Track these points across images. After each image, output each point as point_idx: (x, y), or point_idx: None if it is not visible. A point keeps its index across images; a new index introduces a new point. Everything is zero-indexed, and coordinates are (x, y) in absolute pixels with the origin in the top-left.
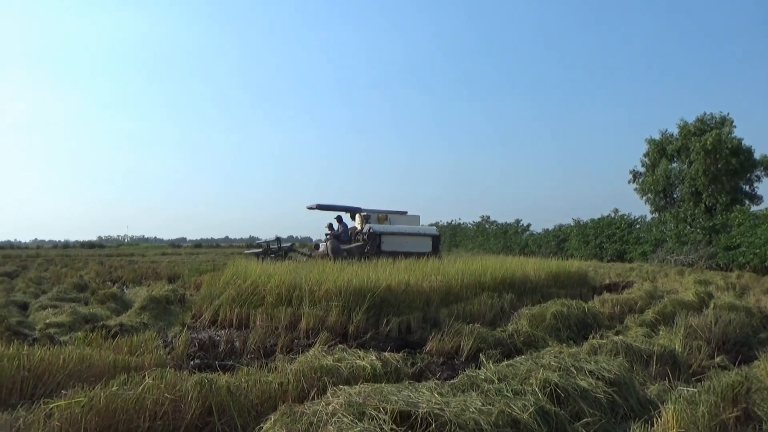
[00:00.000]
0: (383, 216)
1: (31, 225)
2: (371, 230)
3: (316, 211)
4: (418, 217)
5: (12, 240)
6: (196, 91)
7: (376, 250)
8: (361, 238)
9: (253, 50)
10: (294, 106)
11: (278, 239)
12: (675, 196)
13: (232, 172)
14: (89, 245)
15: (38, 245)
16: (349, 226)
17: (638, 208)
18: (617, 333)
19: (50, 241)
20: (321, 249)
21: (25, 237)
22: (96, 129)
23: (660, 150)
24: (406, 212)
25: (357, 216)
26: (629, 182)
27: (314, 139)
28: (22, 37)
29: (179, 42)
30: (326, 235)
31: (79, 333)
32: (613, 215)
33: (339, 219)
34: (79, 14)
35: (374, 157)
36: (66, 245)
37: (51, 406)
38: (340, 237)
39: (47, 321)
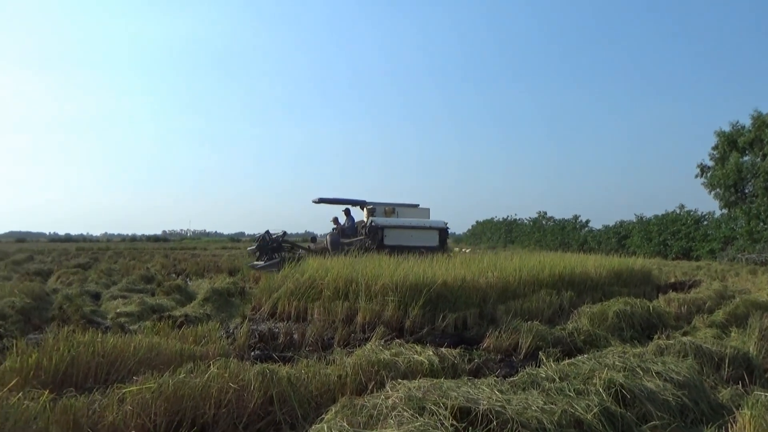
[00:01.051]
0: (390, 209)
1: (101, 220)
2: (373, 224)
3: (330, 205)
4: (428, 210)
5: (84, 233)
6: (254, 90)
7: (379, 244)
8: (363, 231)
9: (318, 50)
10: (354, 102)
11: (284, 234)
12: (746, 190)
13: (287, 168)
14: (155, 239)
15: (108, 239)
16: (356, 220)
17: (706, 203)
18: (685, 334)
19: (119, 235)
20: (321, 242)
21: (96, 231)
22: (161, 129)
23: (730, 143)
24: (418, 205)
25: (365, 209)
26: (696, 176)
27: (372, 135)
28: (101, 39)
29: (238, 45)
30: (333, 228)
31: (148, 322)
32: (678, 211)
33: (347, 212)
34: (147, 17)
35: (425, 150)
36: (133, 239)
37: (124, 390)
38: (345, 231)
39: (118, 310)
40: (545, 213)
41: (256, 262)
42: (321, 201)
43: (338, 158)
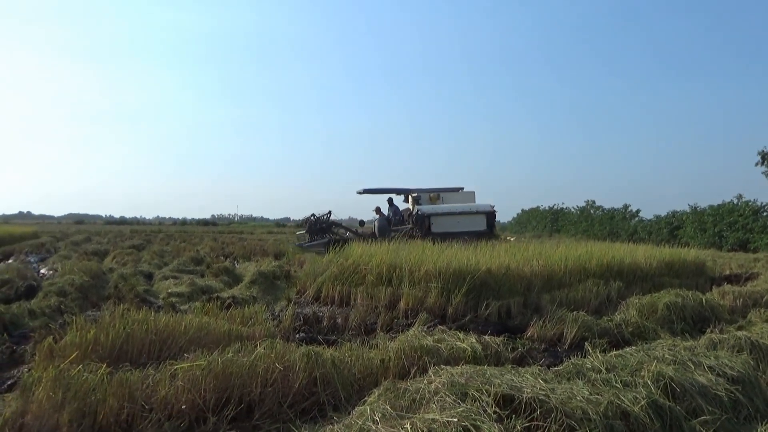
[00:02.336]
0: (435, 195)
1: (153, 203)
2: (419, 212)
3: (373, 195)
4: (473, 193)
5: (138, 217)
6: (297, 79)
7: (426, 232)
8: (411, 220)
9: (351, 40)
10: (383, 89)
11: (329, 213)
12: None
13: (330, 153)
14: (204, 223)
15: (160, 222)
16: (401, 209)
17: (767, 193)
18: (740, 328)
19: (170, 219)
20: (369, 227)
21: (148, 214)
22: (211, 115)
23: None
24: (462, 188)
25: (409, 197)
26: (757, 164)
27: (406, 120)
28: (151, 32)
29: (283, 33)
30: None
31: (197, 303)
32: (736, 201)
33: (390, 201)
34: (193, 9)
35: (466, 136)
36: (184, 222)
37: (175, 367)
38: (390, 221)
39: (169, 290)
40: (593, 202)
41: (303, 242)
42: (366, 192)
43: (375, 145)
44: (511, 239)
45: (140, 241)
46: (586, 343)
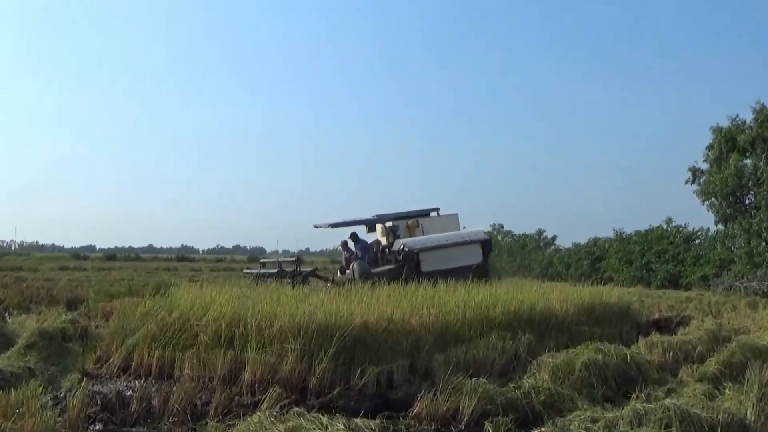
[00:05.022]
0: (413, 223)
1: None
2: (405, 249)
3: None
4: (457, 215)
5: None
6: (128, 60)
7: (415, 271)
8: (393, 258)
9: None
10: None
11: (298, 260)
12: (747, 201)
13: (156, 160)
14: None
15: None
16: (369, 242)
17: (699, 217)
18: (669, 391)
19: None
20: (347, 273)
21: None
22: None
23: (729, 141)
24: (438, 210)
25: (378, 228)
26: (687, 182)
27: (264, 125)
28: None
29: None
30: (345, 258)
31: None
32: (665, 226)
33: (354, 237)
34: None
35: (368, 154)
36: None
37: None
38: (363, 258)
39: None
40: (501, 226)
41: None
42: (332, 226)
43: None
44: None
45: None
46: (486, 423)
